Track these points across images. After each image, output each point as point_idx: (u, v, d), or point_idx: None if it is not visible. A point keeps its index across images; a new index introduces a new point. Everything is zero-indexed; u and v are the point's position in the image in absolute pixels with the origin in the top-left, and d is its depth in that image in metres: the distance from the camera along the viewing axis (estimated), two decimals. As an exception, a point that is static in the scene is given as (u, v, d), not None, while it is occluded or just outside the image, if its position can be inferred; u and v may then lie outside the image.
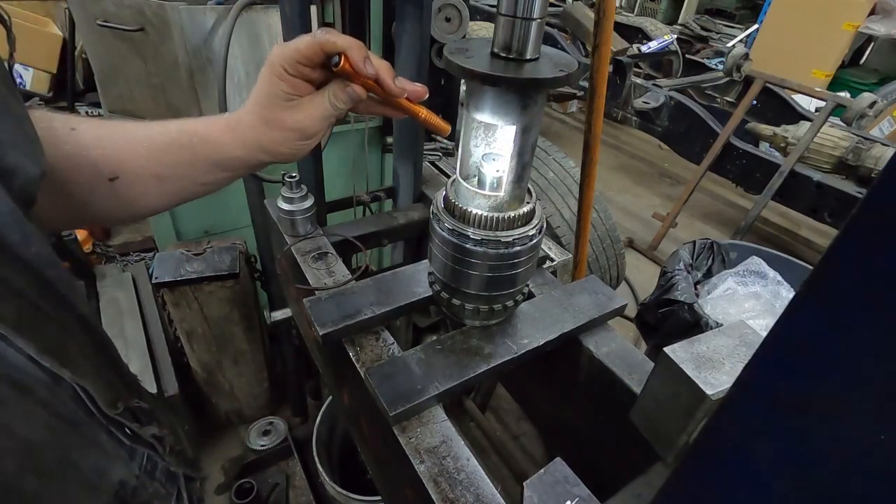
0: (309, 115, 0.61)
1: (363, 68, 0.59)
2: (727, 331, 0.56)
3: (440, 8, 1.39)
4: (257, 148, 0.63)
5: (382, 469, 0.77)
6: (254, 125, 0.62)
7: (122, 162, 0.60)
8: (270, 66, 0.60)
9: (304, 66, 0.59)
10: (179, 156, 0.62)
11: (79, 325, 0.48)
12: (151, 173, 0.62)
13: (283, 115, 0.61)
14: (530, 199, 0.66)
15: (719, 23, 6.98)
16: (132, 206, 0.64)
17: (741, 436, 0.31)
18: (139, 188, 0.62)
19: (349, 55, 0.58)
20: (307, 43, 0.58)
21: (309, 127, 0.62)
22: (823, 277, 0.24)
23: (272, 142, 0.62)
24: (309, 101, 0.61)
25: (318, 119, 0.62)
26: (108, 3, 1.39)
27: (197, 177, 0.64)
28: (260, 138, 0.62)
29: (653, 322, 1.77)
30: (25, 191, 0.44)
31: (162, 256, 1.67)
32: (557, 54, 0.58)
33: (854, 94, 3.58)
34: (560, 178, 2.15)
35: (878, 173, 0.31)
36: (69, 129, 0.56)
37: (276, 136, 0.62)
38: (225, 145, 0.63)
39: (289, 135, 0.62)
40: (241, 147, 0.63)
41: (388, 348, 0.73)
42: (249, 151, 0.63)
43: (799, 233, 3.92)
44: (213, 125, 0.63)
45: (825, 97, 3.11)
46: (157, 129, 0.62)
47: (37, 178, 0.45)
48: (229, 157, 0.64)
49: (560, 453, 0.63)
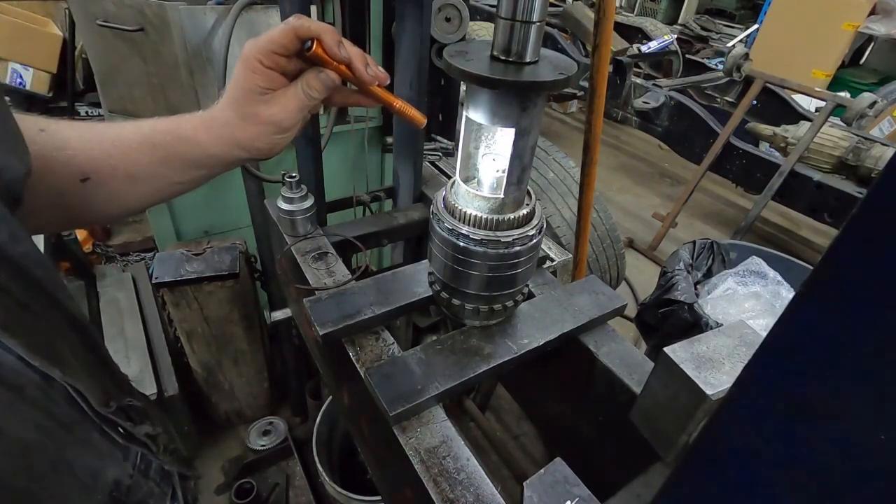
0: (283, 107, 0.61)
1: (336, 52, 0.59)
2: (727, 331, 0.56)
3: (440, 8, 1.39)
4: (233, 144, 0.63)
5: (382, 469, 0.77)
6: (228, 121, 0.61)
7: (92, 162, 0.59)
8: (244, 60, 0.59)
9: (280, 55, 0.59)
10: (152, 155, 0.61)
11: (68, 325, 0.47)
12: (124, 173, 0.61)
13: (257, 109, 0.60)
14: (530, 201, 0.66)
15: (719, 23, 6.98)
16: (105, 207, 0.63)
17: (741, 436, 0.31)
18: (111, 189, 0.61)
19: (322, 39, 0.58)
20: (281, 30, 0.58)
21: (284, 120, 0.62)
22: (823, 277, 0.24)
23: (248, 137, 0.62)
24: (282, 94, 0.61)
25: (292, 111, 0.62)
26: (108, 3, 1.39)
27: (171, 176, 0.64)
28: (235, 134, 0.62)
29: (653, 322, 1.77)
30: (11, 189, 0.43)
31: (162, 256, 1.67)
32: (557, 57, 0.58)
33: (854, 94, 3.58)
34: (560, 178, 2.15)
35: (878, 173, 0.31)
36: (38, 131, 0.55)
37: (251, 131, 0.62)
38: (199, 143, 0.62)
39: (264, 129, 0.62)
40: (217, 144, 0.62)
41: (388, 348, 0.73)
42: (225, 148, 0.63)
43: (799, 233, 3.92)
44: (187, 123, 0.63)
45: (825, 97, 3.11)
46: (129, 129, 0.62)
47: (22, 176, 0.45)
48: (204, 155, 0.63)
49: (560, 453, 0.63)
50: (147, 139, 0.61)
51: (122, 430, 0.49)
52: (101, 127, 0.62)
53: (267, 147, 0.64)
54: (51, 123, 0.58)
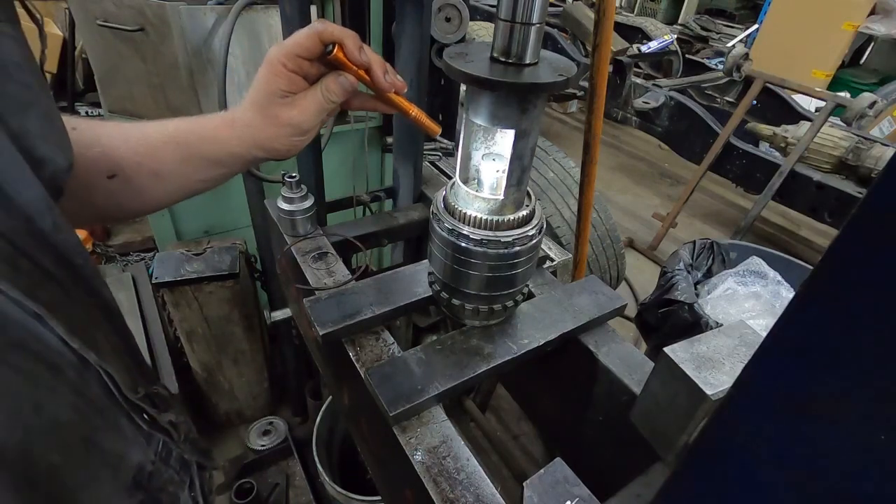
0: (303, 110, 0.63)
1: (357, 56, 0.61)
2: (727, 331, 0.56)
3: (440, 8, 1.39)
4: (253, 144, 0.65)
5: (382, 469, 0.77)
6: (250, 122, 0.64)
7: (119, 160, 0.61)
8: (269, 63, 0.61)
9: (303, 58, 0.61)
10: (176, 153, 0.64)
11: (102, 313, 0.49)
12: (149, 171, 0.63)
13: (278, 111, 0.63)
14: (530, 201, 0.66)
15: (719, 23, 6.98)
16: (130, 204, 0.65)
17: (741, 436, 0.31)
18: (137, 185, 0.63)
19: (344, 43, 0.60)
20: (305, 33, 0.60)
21: (304, 122, 0.64)
22: (823, 277, 0.24)
23: (268, 138, 0.64)
24: (303, 97, 0.63)
25: (312, 113, 0.64)
26: (108, 3, 1.39)
27: (194, 174, 0.66)
28: (256, 135, 0.64)
29: (653, 322, 1.77)
30: (55, 181, 0.45)
31: (162, 256, 1.67)
32: (557, 58, 0.58)
33: (854, 94, 3.58)
34: (560, 178, 2.15)
35: (878, 173, 0.31)
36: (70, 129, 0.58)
37: (271, 132, 0.64)
38: (221, 142, 0.65)
39: (284, 130, 0.64)
40: (238, 143, 0.65)
41: (388, 348, 0.73)
42: (245, 148, 0.65)
43: (799, 233, 3.92)
44: (210, 123, 0.65)
45: (825, 97, 3.11)
46: (154, 128, 0.64)
47: (65, 169, 0.47)
48: (226, 154, 0.65)
49: (560, 453, 0.63)
50: (171, 138, 0.64)
51: (146, 416, 0.50)
52: (127, 126, 0.64)
53: (285, 148, 0.66)
54: (81, 122, 0.60)
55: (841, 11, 5.14)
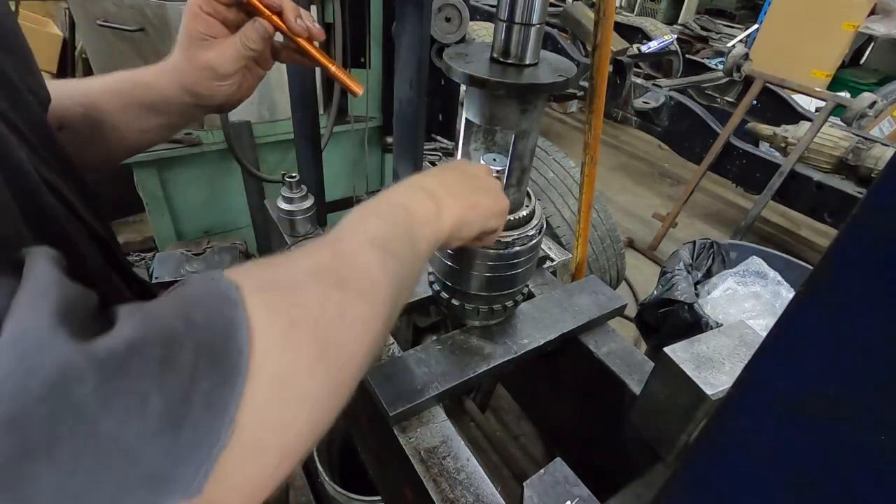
0: (220, 53, 0.65)
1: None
2: (727, 331, 0.56)
3: (440, 8, 1.39)
4: (181, 88, 0.67)
5: (382, 469, 0.77)
6: (177, 65, 0.66)
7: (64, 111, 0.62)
8: (188, 6, 0.64)
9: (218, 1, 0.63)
10: (114, 101, 0.66)
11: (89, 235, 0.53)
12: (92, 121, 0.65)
13: (197, 52, 0.65)
14: (530, 202, 0.66)
15: (719, 23, 6.98)
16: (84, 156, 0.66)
17: (741, 436, 0.31)
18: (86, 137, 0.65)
19: None
20: None
21: (220, 66, 0.65)
22: (823, 277, 0.24)
23: (192, 82, 0.66)
24: (221, 42, 0.65)
25: (228, 58, 0.65)
26: (108, 3, 1.39)
27: (134, 121, 0.68)
28: (182, 78, 0.66)
29: (653, 322, 1.77)
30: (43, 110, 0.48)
31: (162, 256, 1.67)
32: (557, 59, 0.58)
33: (854, 94, 3.58)
34: (560, 178, 2.15)
35: (878, 173, 0.31)
36: None
37: (194, 75, 0.66)
38: (154, 87, 0.67)
39: (204, 73, 0.66)
40: (167, 87, 0.67)
41: (388, 348, 0.73)
42: (175, 91, 0.67)
43: (799, 233, 3.92)
44: (147, 70, 0.68)
45: (825, 97, 3.11)
46: (97, 80, 0.67)
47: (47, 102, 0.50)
48: (159, 99, 0.67)
49: (560, 453, 0.63)
50: (109, 87, 0.66)
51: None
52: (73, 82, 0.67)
53: (208, 93, 0.67)
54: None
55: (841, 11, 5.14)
